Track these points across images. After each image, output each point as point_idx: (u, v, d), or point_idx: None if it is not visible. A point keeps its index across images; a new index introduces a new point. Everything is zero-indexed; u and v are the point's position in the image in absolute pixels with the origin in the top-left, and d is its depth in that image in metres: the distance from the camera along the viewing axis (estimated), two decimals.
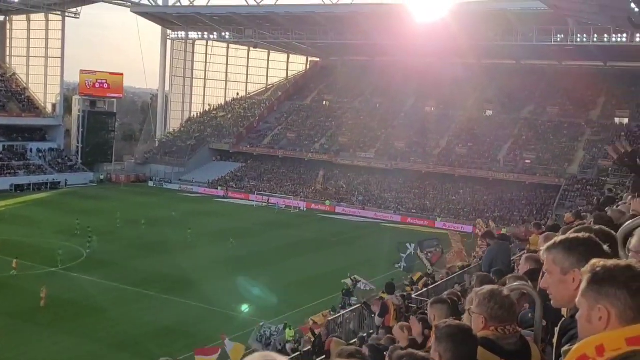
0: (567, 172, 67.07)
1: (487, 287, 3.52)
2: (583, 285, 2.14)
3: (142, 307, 33.41)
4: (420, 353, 3.35)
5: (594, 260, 2.17)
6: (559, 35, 68.54)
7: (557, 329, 2.76)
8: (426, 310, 7.18)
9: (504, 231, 35.77)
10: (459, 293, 9.99)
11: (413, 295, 18.56)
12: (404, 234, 55.10)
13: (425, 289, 19.99)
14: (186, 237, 49.16)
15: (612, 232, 3.22)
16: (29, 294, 34.30)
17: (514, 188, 67.73)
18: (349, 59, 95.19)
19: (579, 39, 67.29)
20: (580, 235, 2.66)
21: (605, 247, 2.62)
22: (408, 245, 35.20)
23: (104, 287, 36.43)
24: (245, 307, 34.27)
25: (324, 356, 13.37)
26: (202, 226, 56.17)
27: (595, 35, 65.74)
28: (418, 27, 67.10)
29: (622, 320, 2.02)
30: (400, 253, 35.01)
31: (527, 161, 70.69)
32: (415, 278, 28.72)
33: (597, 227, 3.44)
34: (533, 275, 4.93)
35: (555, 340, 2.76)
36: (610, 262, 2.12)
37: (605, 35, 64.91)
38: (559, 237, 2.68)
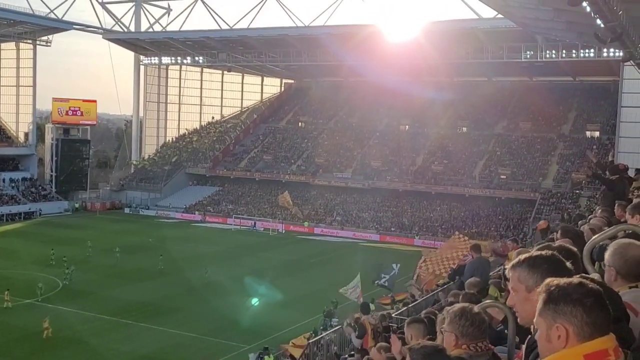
0: (541, 186, 67.85)
1: (458, 305, 3.53)
2: (539, 305, 2.17)
3: (119, 337, 32.90)
4: None
5: (547, 280, 2.21)
6: (528, 52, 69.68)
7: (523, 347, 2.77)
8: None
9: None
10: (437, 312, 10.00)
11: (393, 315, 18.54)
12: (383, 252, 55.22)
13: (405, 308, 19.97)
14: (158, 264, 48.56)
15: (574, 248, 3.27)
16: (6, 327, 33.63)
17: (490, 203, 68.28)
18: (322, 79, 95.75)
19: (547, 55, 68.46)
20: (543, 253, 2.70)
21: (568, 263, 2.66)
22: (394, 265, 35.35)
23: (81, 317, 35.82)
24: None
25: None
26: (180, 251, 55.66)
27: (564, 51, 66.95)
28: (390, 46, 67.86)
29: (580, 337, 2.06)
30: (382, 273, 35.02)
31: (502, 176, 71.41)
32: (398, 298, 28.73)
33: (559, 244, 3.49)
34: None
35: (522, 357, 2.77)
36: (564, 281, 2.16)
37: (574, 51, 66.12)
38: (523, 255, 2.71)
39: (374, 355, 7.18)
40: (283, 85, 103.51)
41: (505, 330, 4.26)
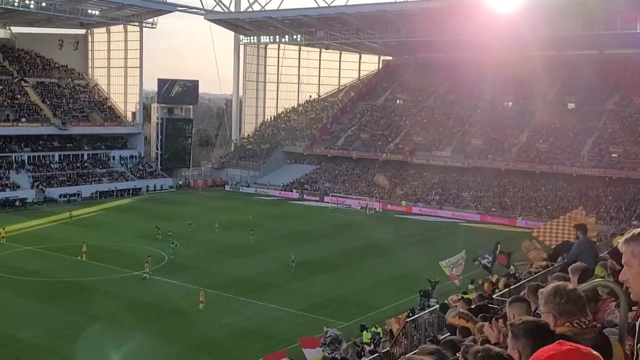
0: None
1: (551, 285, 3.42)
2: None
3: (221, 309, 33.71)
4: (496, 348, 3.17)
5: None
6: None
7: (638, 324, 2.66)
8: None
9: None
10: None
11: (494, 296, 17.79)
12: (483, 233, 53.59)
13: (507, 289, 19.10)
14: (250, 240, 49.33)
15: None
16: (116, 298, 35.28)
17: (599, 183, 64.66)
18: (421, 56, 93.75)
19: None
20: None
21: None
22: (496, 246, 34.20)
23: (186, 290, 37.01)
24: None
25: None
26: (278, 229, 56.51)
27: None
28: (493, 19, 65.08)
29: None
30: (485, 253, 33.94)
31: (613, 155, 67.32)
32: (493, 280, 27.67)
33: None
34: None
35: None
36: None
37: None
38: (638, 229, 2.64)
39: (487, 330, 6.83)
40: (381, 62, 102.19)
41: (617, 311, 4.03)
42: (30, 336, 28.90)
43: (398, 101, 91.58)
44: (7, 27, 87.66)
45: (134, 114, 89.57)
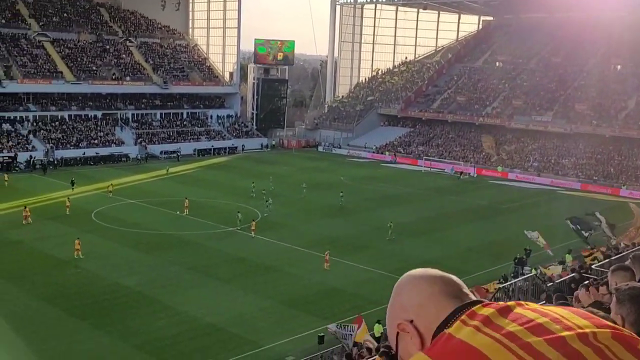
0: None
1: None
2: None
3: (312, 268, 34.28)
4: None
5: None
6: None
7: None
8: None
9: None
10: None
11: (593, 267, 17.13)
12: (584, 202, 51.44)
13: (607, 260, 18.31)
14: (340, 201, 49.57)
15: None
16: (212, 252, 36.64)
17: None
18: (524, 16, 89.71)
19: None
20: None
21: None
22: (597, 215, 32.88)
23: (278, 247, 37.88)
24: None
25: None
26: (370, 191, 56.56)
27: None
28: None
29: None
30: (586, 223, 32.74)
31: None
32: (585, 254, 26.73)
33: None
34: None
35: None
36: None
37: None
38: None
39: (582, 297, 6.65)
40: (481, 22, 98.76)
41: None
42: (133, 284, 30.56)
43: (497, 63, 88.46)
44: None
45: (231, 74, 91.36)
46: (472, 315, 1.36)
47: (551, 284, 17.65)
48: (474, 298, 1.47)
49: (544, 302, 15.48)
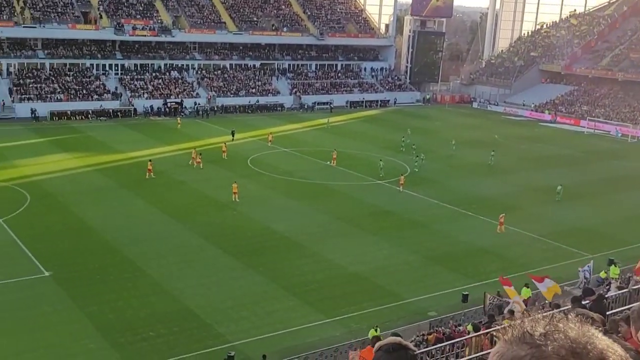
0: None
1: None
2: None
3: (459, 226, 33.78)
4: None
5: None
6: None
7: None
8: None
9: None
10: None
11: None
12: None
13: None
14: (489, 160, 47.90)
15: None
16: (357, 202, 37.21)
17: None
18: None
19: None
20: None
21: None
22: None
23: (426, 204, 37.67)
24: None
25: None
26: (525, 151, 54.27)
27: None
28: None
29: None
30: None
31: None
32: None
33: None
34: None
35: None
36: None
37: None
38: None
39: None
40: None
41: None
42: (283, 229, 31.90)
43: None
44: None
45: (387, 26, 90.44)
46: None
47: None
48: None
49: None
